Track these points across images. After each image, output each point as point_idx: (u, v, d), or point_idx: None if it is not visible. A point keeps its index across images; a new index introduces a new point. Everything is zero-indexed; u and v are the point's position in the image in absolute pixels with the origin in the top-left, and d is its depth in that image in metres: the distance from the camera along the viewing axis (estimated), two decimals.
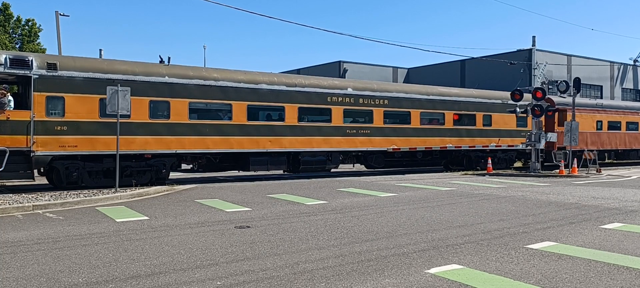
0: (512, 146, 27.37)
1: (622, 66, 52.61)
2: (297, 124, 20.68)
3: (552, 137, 25.37)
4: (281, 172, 21.94)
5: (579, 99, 30.14)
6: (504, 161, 27.57)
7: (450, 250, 7.83)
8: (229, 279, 6.26)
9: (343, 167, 27.01)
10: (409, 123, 23.82)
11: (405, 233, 9.17)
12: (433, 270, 6.63)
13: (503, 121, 27.14)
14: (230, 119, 19.12)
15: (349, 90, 22.29)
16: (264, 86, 19.96)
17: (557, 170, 24.01)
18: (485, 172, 24.44)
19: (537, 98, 24.04)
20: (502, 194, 15.37)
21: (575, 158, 24.52)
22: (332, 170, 23.31)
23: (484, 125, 26.41)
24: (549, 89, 28.22)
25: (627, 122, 33.30)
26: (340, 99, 21.89)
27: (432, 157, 25.31)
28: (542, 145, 24.62)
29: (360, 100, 22.41)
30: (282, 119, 20.32)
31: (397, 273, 6.50)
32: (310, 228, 9.63)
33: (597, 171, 25.07)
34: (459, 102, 25.60)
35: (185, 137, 18.08)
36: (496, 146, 26.67)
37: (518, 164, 29.84)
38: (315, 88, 21.34)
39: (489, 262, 7.08)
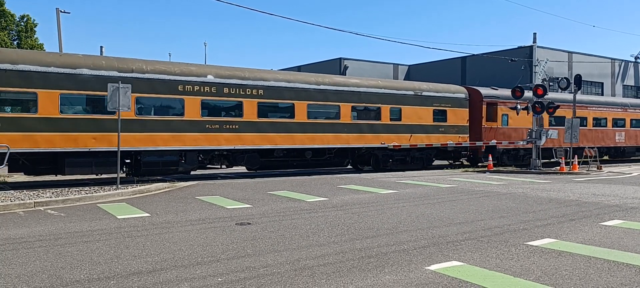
0: (430, 145, 24.29)
1: (623, 63, 52.56)
2: (135, 118, 17.38)
3: (553, 134, 25.31)
4: (124, 174, 18.53)
5: (506, 91, 27.69)
6: (419, 160, 24.48)
7: (450, 246, 7.86)
8: (230, 276, 6.29)
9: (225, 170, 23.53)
10: (293, 117, 20.64)
11: (405, 230, 9.19)
12: (433, 267, 6.65)
13: (416, 115, 24.02)
14: (36, 111, 15.88)
15: (209, 78, 18.88)
16: (85, 71, 16.71)
17: (558, 167, 24.01)
18: (486, 169, 24.46)
19: (538, 95, 24.01)
20: (503, 191, 15.39)
21: (576, 155, 24.46)
22: (192, 172, 19.89)
23: (391, 119, 23.27)
24: (549, 85, 27.80)
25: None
26: (197, 88, 18.58)
27: (328, 156, 22.27)
28: (542, 143, 24.56)
29: (225, 90, 19.10)
30: (114, 112, 16.57)
31: (397, 270, 6.52)
32: (311, 225, 9.66)
33: (597, 168, 25.07)
34: (359, 92, 22.43)
35: None
36: (409, 144, 23.57)
37: (441, 163, 27.24)
38: (161, 74, 17.97)
39: (489, 259, 7.11)
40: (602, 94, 48.31)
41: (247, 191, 15.32)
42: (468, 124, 25.89)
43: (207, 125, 18.78)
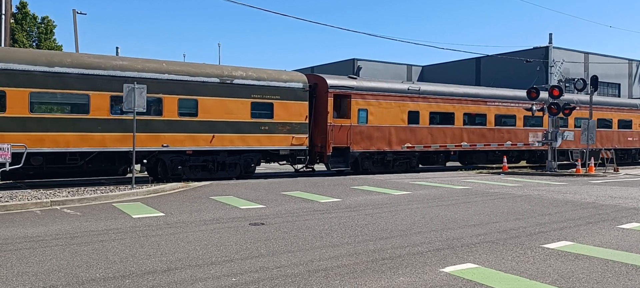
0: (252, 147, 19.22)
1: None
2: None
3: (569, 135, 24.96)
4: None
5: (378, 83, 23.13)
6: (233, 167, 19.18)
7: (465, 249, 7.80)
8: (244, 276, 6.30)
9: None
10: (3, 109, 15.31)
11: (419, 232, 9.14)
12: (448, 269, 6.60)
13: (224, 110, 18.59)
14: None
15: None
16: None
17: (574, 169, 23.74)
18: (501, 170, 24.24)
19: (554, 96, 23.75)
20: (518, 193, 15.24)
21: (593, 157, 24.15)
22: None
23: (182, 114, 17.95)
24: (565, 86, 27.45)
25: (465, 114, 24.71)
26: None
27: (76, 163, 16.77)
28: (558, 144, 24.25)
29: None
30: None
31: (411, 272, 6.49)
32: (325, 226, 9.65)
33: (614, 170, 24.75)
34: (124, 78, 16.50)
35: None
36: (211, 146, 18.40)
37: (278, 167, 22.81)
38: None
39: (504, 262, 7.04)
40: (619, 96, 47.66)
41: (260, 191, 15.35)
42: (307, 121, 20.49)
43: None
